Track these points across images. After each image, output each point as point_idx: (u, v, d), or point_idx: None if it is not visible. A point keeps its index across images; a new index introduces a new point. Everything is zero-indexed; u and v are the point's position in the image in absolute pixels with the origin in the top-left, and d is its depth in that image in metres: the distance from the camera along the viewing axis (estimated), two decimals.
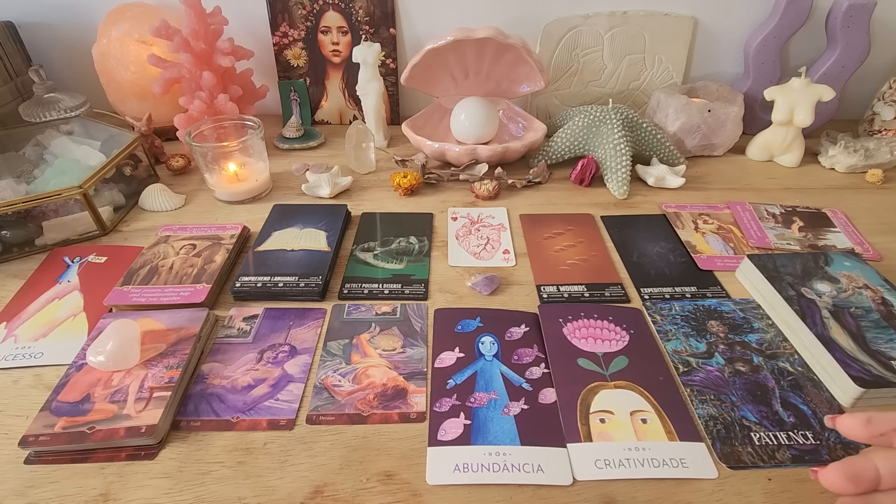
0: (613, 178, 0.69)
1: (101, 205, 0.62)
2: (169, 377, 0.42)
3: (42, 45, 0.85)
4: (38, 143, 0.69)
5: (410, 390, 0.43)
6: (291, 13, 0.81)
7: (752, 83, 0.82)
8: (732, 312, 0.50)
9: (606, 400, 0.42)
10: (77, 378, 0.42)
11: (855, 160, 0.74)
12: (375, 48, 0.75)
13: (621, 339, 0.47)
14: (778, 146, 0.77)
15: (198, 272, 0.53)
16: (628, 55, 0.83)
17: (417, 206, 0.67)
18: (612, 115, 0.70)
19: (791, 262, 0.53)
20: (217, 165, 0.66)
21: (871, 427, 0.25)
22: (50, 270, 0.55)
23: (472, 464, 0.37)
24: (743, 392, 0.42)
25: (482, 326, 0.48)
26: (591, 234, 0.62)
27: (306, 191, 0.69)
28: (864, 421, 0.25)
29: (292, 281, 0.52)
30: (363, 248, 0.59)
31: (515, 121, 0.82)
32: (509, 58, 0.73)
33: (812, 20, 0.78)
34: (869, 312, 0.47)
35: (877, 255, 0.59)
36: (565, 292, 0.53)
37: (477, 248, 0.60)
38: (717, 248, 0.59)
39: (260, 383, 0.43)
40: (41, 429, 0.38)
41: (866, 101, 0.85)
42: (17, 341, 0.47)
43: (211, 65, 0.72)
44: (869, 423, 0.25)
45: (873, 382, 0.40)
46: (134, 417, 0.39)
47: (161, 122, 0.77)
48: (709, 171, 0.77)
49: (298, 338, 0.48)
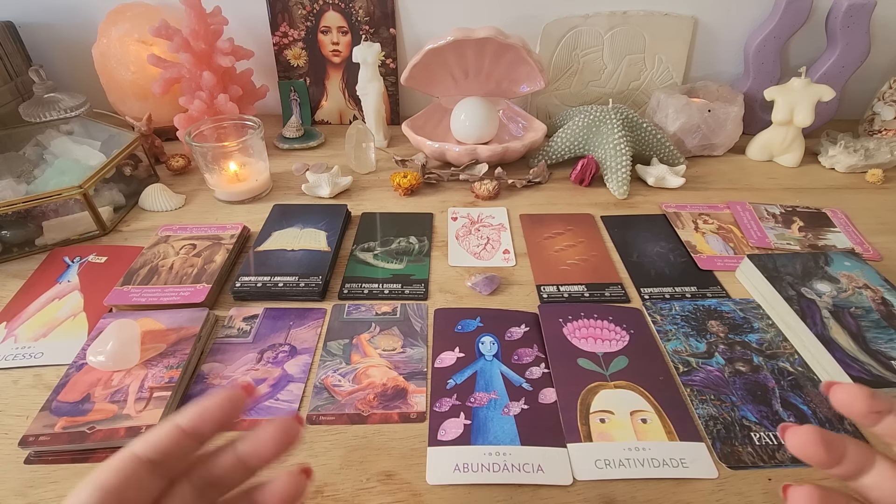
0: (613, 178, 0.69)
1: (101, 205, 0.62)
2: (169, 377, 0.42)
3: (42, 45, 0.85)
4: (39, 143, 0.69)
5: (410, 390, 0.43)
6: (291, 13, 0.81)
7: (752, 83, 0.82)
8: (732, 312, 0.50)
9: (606, 400, 0.42)
10: (77, 378, 0.42)
11: (855, 160, 0.74)
12: (375, 48, 0.75)
13: (621, 339, 0.47)
14: (778, 146, 0.77)
15: (198, 272, 0.53)
16: (628, 55, 0.83)
17: (417, 206, 0.67)
18: (612, 115, 0.70)
19: (791, 262, 0.53)
20: (217, 165, 0.66)
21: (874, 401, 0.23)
22: (50, 270, 0.55)
23: (472, 464, 0.37)
24: (743, 392, 0.42)
25: (482, 326, 0.49)
26: (591, 234, 0.62)
27: (306, 191, 0.69)
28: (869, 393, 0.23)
29: (292, 281, 0.52)
30: (363, 248, 0.59)
31: (515, 121, 0.82)
32: (509, 58, 0.73)
33: (812, 20, 0.78)
34: (869, 312, 0.47)
35: (877, 255, 0.59)
36: (565, 292, 0.53)
37: (477, 248, 0.60)
38: (717, 248, 0.59)
39: (260, 383, 0.43)
40: (41, 429, 0.38)
41: (866, 101, 0.85)
42: (18, 341, 0.47)
43: (211, 65, 0.72)
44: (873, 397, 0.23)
45: (873, 382, 0.40)
46: (134, 417, 0.39)
47: (161, 122, 0.77)
48: (709, 171, 0.77)
49: (298, 338, 0.48)
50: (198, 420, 0.23)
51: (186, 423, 0.23)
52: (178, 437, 0.23)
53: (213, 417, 0.23)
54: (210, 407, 0.23)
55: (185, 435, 0.23)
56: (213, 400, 0.24)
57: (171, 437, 0.23)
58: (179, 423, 0.23)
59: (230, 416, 0.24)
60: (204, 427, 0.23)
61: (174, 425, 0.23)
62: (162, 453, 0.22)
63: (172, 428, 0.23)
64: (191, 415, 0.23)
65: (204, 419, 0.23)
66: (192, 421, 0.23)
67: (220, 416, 0.24)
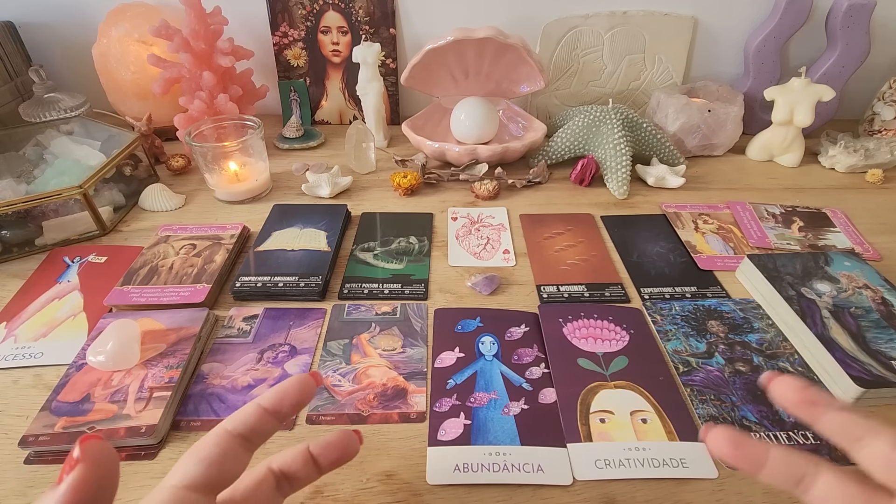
0: (613, 177, 0.69)
1: (101, 205, 0.62)
2: (169, 377, 0.42)
3: (42, 45, 0.85)
4: (38, 143, 0.69)
5: (410, 390, 0.43)
6: (291, 13, 0.81)
7: (752, 83, 0.82)
8: (732, 312, 0.50)
9: (606, 400, 0.42)
10: (77, 378, 0.42)
11: (855, 160, 0.74)
12: (375, 48, 0.75)
13: (621, 339, 0.47)
14: (778, 146, 0.77)
15: (198, 272, 0.53)
16: (628, 55, 0.83)
17: (417, 206, 0.67)
18: (612, 115, 0.70)
19: (791, 262, 0.53)
20: (217, 165, 0.66)
21: (807, 391, 0.24)
22: (50, 270, 0.55)
23: (472, 464, 0.37)
24: (743, 392, 0.42)
25: (482, 326, 0.48)
26: (591, 234, 0.62)
27: (306, 191, 0.69)
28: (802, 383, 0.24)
29: (292, 281, 0.52)
30: (363, 248, 0.59)
31: (515, 121, 0.82)
32: (509, 58, 0.73)
33: (812, 20, 0.78)
34: (869, 312, 0.47)
35: (877, 255, 0.59)
36: (565, 292, 0.53)
37: (477, 247, 0.60)
38: (717, 247, 0.59)
39: (260, 383, 0.43)
40: (41, 429, 0.38)
41: (866, 101, 0.85)
42: (17, 341, 0.47)
43: (211, 65, 0.72)
44: (807, 387, 0.24)
45: (873, 382, 0.40)
46: (134, 417, 0.39)
47: (161, 122, 0.77)
48: (709, 171, 0.77)
49: (298, 338, 0.48)
50: (277, 401, 0.27)
51: (268, 404, 0.27)
52: (262, 415, 0.26)
53: (291, 399, 0.27)
54: (287, 389, 0.27)
55: (267, 413, 0.26)
56: (289, 383, 0.28)
57: (256, 415, 0.26)
58: (262, 403, 0.27)
59: (304, 398, 0.28)
60: (283, 407, 0.27)
61: (257, 405, 0.26)
62: (250, 429, 0.26)
63: (256, 408, 0.26)
64: (271, 396, 0.27)
65: (283, 400, 0.27)
66: (273, 402, 0.27)
67: (297, 397, 0.27)
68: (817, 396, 0.24)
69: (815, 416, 0.23)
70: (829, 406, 0.23)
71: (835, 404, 0.23)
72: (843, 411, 0.23)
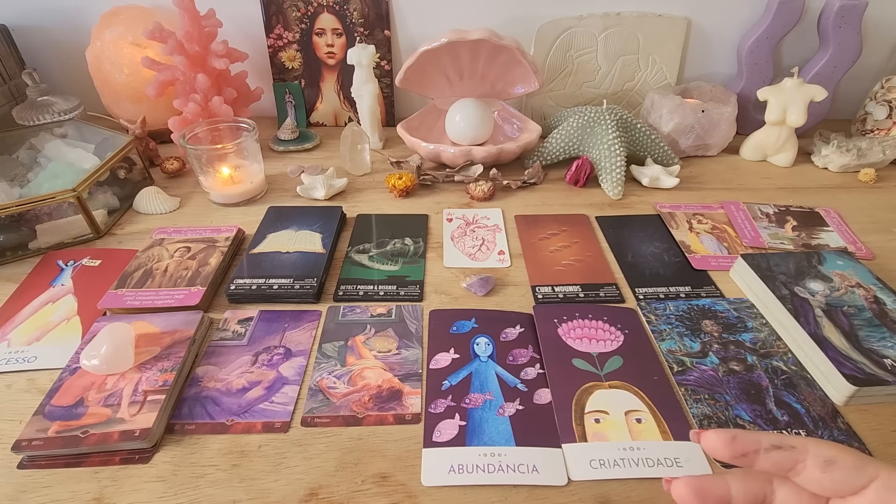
0: (608, 178, 0.69)
1: (95, 208, 0.61)
2: (163, 380, 0.42)
3: (36, 48, 0.85)
4: (32, 146, 0.69)
5: (405, 392, 0.43)
6: (286, 15, 0.81)
7: (746, 83, 0.82)
8: (726, 312, 0.51)
9: (601, 400, 0.42)
10: (71, 382, 0.41)
11: (847, 160, 0.75)
12: (370, 50, 0.75)
13: (616, 339, 0.47)
14: (771, 146, 0.78)
15: (192, 275, 0.52)
16: (622, 56, 0.84)
17: (412, 208, 0.67)
18: (607, 115, 0.70)
19: (784, 262, 0.53)
20: (212, 168, 0.66)
21: (735, 445, 0.24)
22: (43, 274, 0.55)
23: (467, 465, 0.37)
24: (737, 391, 0.43)
25: (477, 327, 0.49)
26: (586, 235, 0.62)
27: (301, 193, 0.69)
28: (728, 439, 0.25)
29: (287, 283, 0.52)
30: (358, 250, 0.59)
31: (510, 122, 0.82)
32: (504, 59, 0.74)
33: (804, 21, 0.78)
34: (861, 311, 0.47)
35: (869, 254, 0.59)
36: (560, 293, 0.53)
37: (472, 249, 0.60)
38: (711, 247, 0.60)
39: (255, 386, 0.43)
40: (35, 433, 0.38)
41: (858, 100, 0.85)
42: (11, 345, 0.46)
43: (205, 67, 0.72)
44: (733, 442, 0.25)
45: (866, 381, 0.40)
46: (128, 421, 0.38)
47: (155, 124, 0.77)
48: (703, 171, 0.77)
49: (293, 340, 0.48)
50: None
51: None
52: None
53: None
54: None
55: None
56: None
57: None
58: None
59: None
60: None
61: None
62: None
63: None
64: None
65: None
66: None
67: None
68: (745, 446, 0.25)
69: (750, 463, 0.25)
70: (757, 452, 0.24)
71: (763, 444, 0.24)
72: (770, 451, 0.24)
